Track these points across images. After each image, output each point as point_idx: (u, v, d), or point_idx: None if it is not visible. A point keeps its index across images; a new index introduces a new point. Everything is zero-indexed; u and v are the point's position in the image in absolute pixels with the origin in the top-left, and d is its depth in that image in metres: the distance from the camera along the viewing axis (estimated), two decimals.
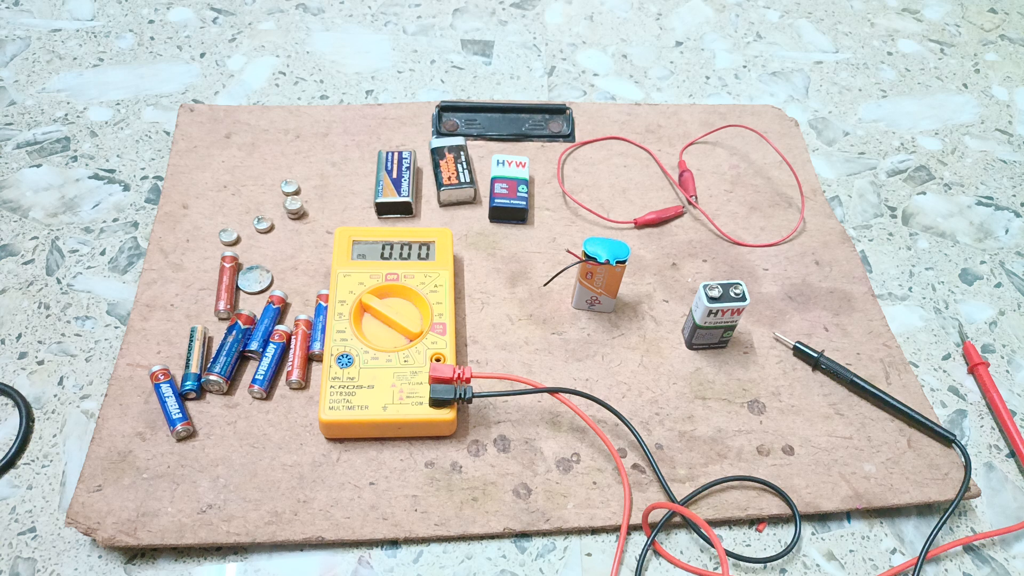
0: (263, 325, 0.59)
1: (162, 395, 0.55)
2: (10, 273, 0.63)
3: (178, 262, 0.64)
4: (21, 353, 0.59)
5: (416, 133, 0.76)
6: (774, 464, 0.56)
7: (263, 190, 0.70)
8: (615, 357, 0.62)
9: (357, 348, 0.56)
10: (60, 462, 0.54)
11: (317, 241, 0.67)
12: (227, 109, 0.76)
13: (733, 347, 0.63)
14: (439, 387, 0.53)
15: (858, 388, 0.60)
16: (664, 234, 0.70)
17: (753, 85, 0.87)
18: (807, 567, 0.53)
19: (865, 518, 0.56)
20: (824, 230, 0.72)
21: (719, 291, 0.58)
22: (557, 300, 0.64)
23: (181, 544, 0.50)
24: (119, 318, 0.61)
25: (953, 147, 0.83)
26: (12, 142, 0.72)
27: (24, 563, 0.50)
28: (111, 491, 0.51)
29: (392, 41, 0.87)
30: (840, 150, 0.81)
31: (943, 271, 0.72)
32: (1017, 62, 0.93)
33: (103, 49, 0.82)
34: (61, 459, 0.54)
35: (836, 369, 0.61)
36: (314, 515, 0.51)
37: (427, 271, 0.61)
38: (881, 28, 0.96)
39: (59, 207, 0.68)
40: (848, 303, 0.67)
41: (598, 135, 0.78)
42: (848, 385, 0.61)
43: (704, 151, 0.78)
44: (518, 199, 0.69)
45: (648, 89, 0.85)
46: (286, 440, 0.55)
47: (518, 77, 0.85)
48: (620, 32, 0.91)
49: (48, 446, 0.55)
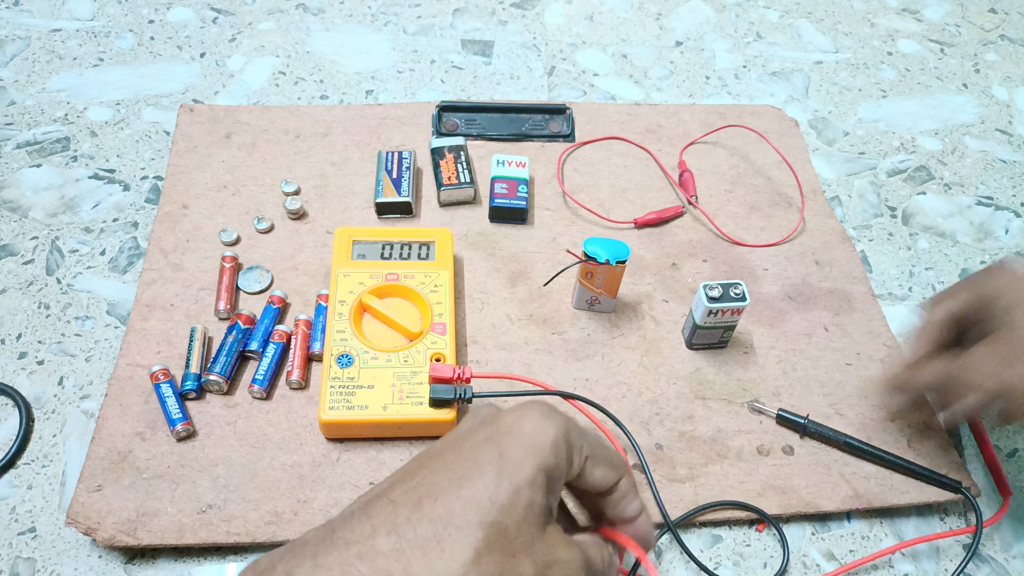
0: (263, 325, 0.59)
1: (162, 395, 0.55)
2: (10, 273, 0.63)
3: (178, 262, 0.64)
4: (21, 353, 0.59)
5: (416, 133, 0.76)
6: (774, 464, 0.56)
7: (263, 190, 0.70)
8: (615, 357, 0.62)
9: (357, 348, 0.56)
10: (60, 462, 0.54)
11: (317, 241, 0.67)
12: (227, 109, 0.76)
13: (733, 347, 0.63)
14: (439, 387, 0.53)
15: (854, 449, 0.57)
16: (664, 234, 0.70)
17: (753, 85, 0.87)
18: (807, 567, 0.53)
19: (865, 518, 0.56)
20: (824, 230, 0.72)
21: (719, 291, 0.58)
22: (557, 300, 0.64)
23: (181, 544, 0.50)
24: (119, 318, 0.61)
25: (953, 147, 0.83)
26: (12, 142, 0.72)
27: (24, 563, 0.50)
28: (111, 491, 0.51)
29: (392, 41, 0.87)
30: (840, 150, 0.81)
31: (943, 271, 0.72)
32: (1017, 62, 0.93)
33: (103, 49, 0.82)
34: (61, 459, 0.54)
35: (826, 433, 0.57)
36: (314, 515, 0.51)
37: (427, 271, 0.61)
38: (881, 28, 0.96)
39: (59, 207, 0.68)
40: (848, 303, 0.67)
41: (598, 135, 0.78)
42: (843, 447, 0.57)
43: (704, 151, 0.78)
44: (518, 199, 0.69)
45: (648, 89, 0.85)
46: (286, 440, 0.55)
47: (518, 77, 0.85)
48: (620, 32, 0.91)
49: (48, 446, 0.55)
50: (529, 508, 0.32)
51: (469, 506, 0.31)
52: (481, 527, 0.31)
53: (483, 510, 0.31)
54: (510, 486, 0.32)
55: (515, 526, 0.31)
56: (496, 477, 0.32)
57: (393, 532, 0.30)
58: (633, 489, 0.38)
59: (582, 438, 0.35)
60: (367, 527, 0.31)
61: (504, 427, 0.34)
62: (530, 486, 0.32)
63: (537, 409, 0.34)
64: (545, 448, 0.33)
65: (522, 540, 0.31)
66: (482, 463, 0.32)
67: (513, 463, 0.32)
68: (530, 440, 0.33)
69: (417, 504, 0.31)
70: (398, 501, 0.32)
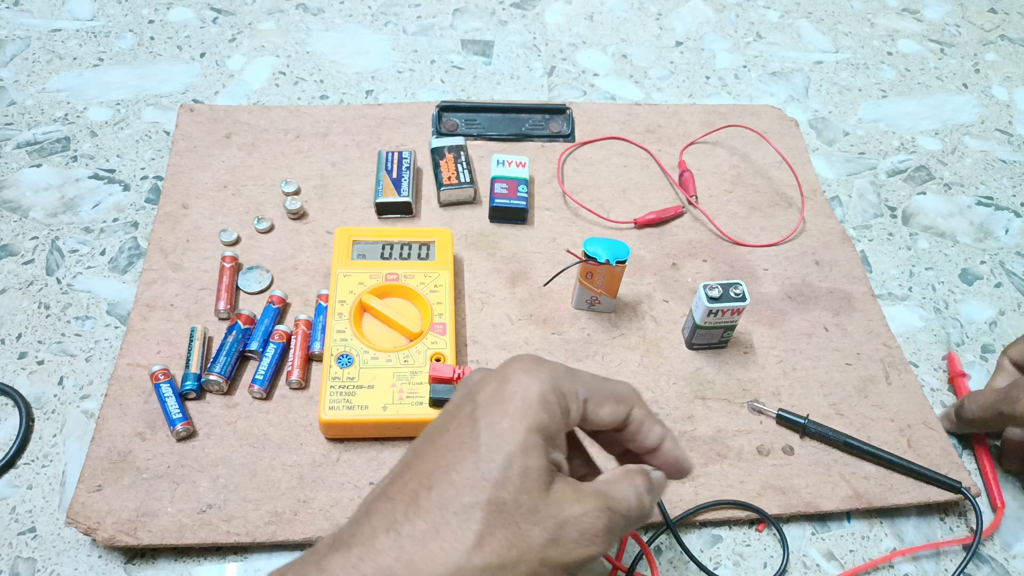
0: (263, 325, 0.59)
1: (162, 395, 0.55)
2: (10, 273, 0.63)
3: (178, 262, 0.64)
4: (21, 353, 0.59)
5: (416, 133, 0.76)
6: (774, 464, 0.56)
7: (263, 190, 0.70)
8: (615, 357, 0.62)
9: (357, 348, 0.56)
10: (60, 462, 0.54)
11: (317, 241, 0.67)
12: (227, 109, 0.76)
13: (733, 347, 0.63)
14: (439, 387, 0.53)
15: (853, 448, 0.57)
16: (664, 234, 0.70)
17: (753, 85, 0.87)
18: (807, 567, 0.53)
19: (865, 518, 0.56)
20: (824, 230, 0.72)
21: (719, 291, 0.58)
22: (557, 300, 0.64)
23: (181, 544, 0.50)
24: (119, 318, 0.61)
25: (953, 147, 0.83)
26: (12, 142, 0.72)
27: (24, 563, 0.50)
28: (111, 491, 0.51)
29: (392, 41, 0.87)
30: (840, 150, 0.81)
31: (943, 271, 0.72)
32: (1017, 62, 0.93)
33: (103, 49, 0.82)
34: (61, 459, 0.54)
35: (826, 433, 0.57)
36: (314, 515, 0.51)
37: (427, 271, 0.61)
38: (881, 28, 0.96)
39: (59, 207, 0.68)
40: (848, 303, 0.67)
41: (598, 135, 0.78)
42: (842, 447, 0.57)
43: (704, 151, 0.78)
44: (518, 199, 0.69)
45: (648, 89, 0.85)
46: (286, 440, 0.55)
47: (518, 77, 0.85)
48: (620, 32, 0.91)
49: (48, 446, 0.55)
50: (525, 475, 0.31)
51: (463, 490, 0.30)
52: (478, 507, 0.30)
53: (477, 490, 0.30)
54: (501, 458, 0.31)
55: (513, 498, 0.30)
56: (486, 452, 0.31)
57: (392, 530, 0.30)
58: (649, 416, 0.36)
59: (575, 382, 0.34)
60: (367, 528, 0.31)
61: (487, 396, 0.33)
62: (522, 452, 0.31)
63: (519, 366, 0.33)
64: (532, 407, 0.32)
65: (524, 509, 0.31)
66: (469, 441, 0.32)
67: (500, 433, 0.31)
68: (515, 404, 0.32)
69: (414, 498, 0.31)
70: (396, 498, 0.32)
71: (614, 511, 0.33)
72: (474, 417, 0.32)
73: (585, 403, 0.34)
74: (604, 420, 0.34)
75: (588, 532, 0.32)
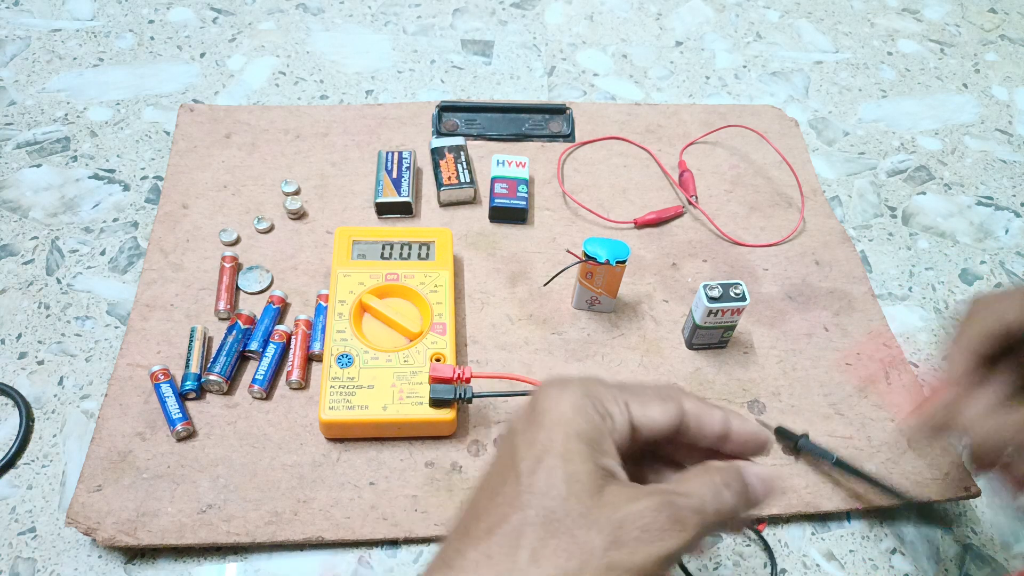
0: (263, 325, 0.59)
1: (162, 395, 0.55)
2: (10, 273, 0.63)
3: (178, 262, 0.64)
4: (21, 353, 0.59)
5: (416, 133, 0.76)
6: (774, 464, 0.56)
7: (263, 190, 0.70)
8: (615, 357, 0.62)
9: (357, 348, 0.56)
10: (60, 462, 0.54)
11: (317, 241, 0.67)
12: (227, 109, 0.76)
13: (733, 347, 0.63)
14: (439, 387, 0.53)
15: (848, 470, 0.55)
16: (664, 234, 0.70)
17: (753, 85, 0.87)
18: (807, 567, 0.53)
19: (865, 518, 0.56)
20: (824, 230, 0.72)
21: (719, 291, 0.58)
22: (557, 300, 0.64)
23: (181, 544, 0.50)
24: (119, 318, 0.61)
25: (953, 147, 0.83)
26: (12, 142, 0.72)
27: (24, 563, 0.50)
28: (111, 491, 0.51)
29: (392, 41, 0.87)
30: (840, 150, 0.81)
31: (943, 271, 0.72)
32: (1017, 62, 0.93)
33: (103, 49, 0.82)
34: (61, 459, 0.54)
35: (820, 453, 0.56)
36: (314, 515, 0.51)
37: (427, 271, 0.61)
38: (881, 28, 0.96)
39: (59, 207, 0.68)
40: (848, 303, 0.67)
41: (598, 135, 0.78)
42: (836, 468, 0.55)
43: (704, 151, 0.78)
44: (518, 199, 0.69)
45: (648, 89, 0.85)
46: (286, 440, 0.55)
47: (518, 77, 0.85)
48: (620, 32, 0.91)
49: (48, 446, 0.55)
50: (570, 480, 0.30)
51: (508, 510, 0.30)
52: (526, 524, 0.29)
53: (523, 506, 0.29)
54: (544, 468, 0.30)
55: (560, 505, 0.29)
56: (526, 467, 0.30)
57: (445, 566, 0.29)
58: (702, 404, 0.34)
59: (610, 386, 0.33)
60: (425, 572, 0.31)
61: (522, 423, 0.32)
62: (563, 459, 0.30)
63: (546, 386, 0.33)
64: (566, 415, 0.31)
65: (575, 514, 0.29)
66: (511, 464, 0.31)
67: (537, 447, 0.31)
68: (549, 417, 0.31)
69: (464, 532, 0.30)
70: (449, 538, 0.31)
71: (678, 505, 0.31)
72: (513, 444, 0.32)
73: (628, 405, 0.33)
74: (656, 420, 0.33)
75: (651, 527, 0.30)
